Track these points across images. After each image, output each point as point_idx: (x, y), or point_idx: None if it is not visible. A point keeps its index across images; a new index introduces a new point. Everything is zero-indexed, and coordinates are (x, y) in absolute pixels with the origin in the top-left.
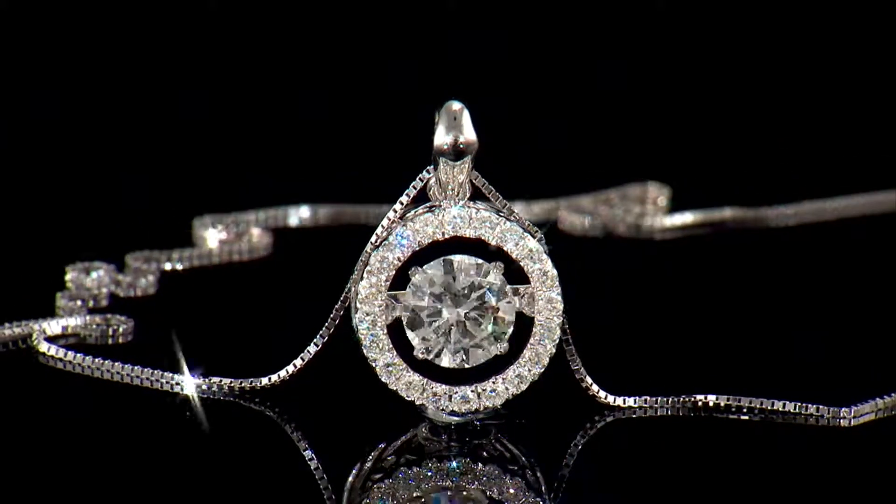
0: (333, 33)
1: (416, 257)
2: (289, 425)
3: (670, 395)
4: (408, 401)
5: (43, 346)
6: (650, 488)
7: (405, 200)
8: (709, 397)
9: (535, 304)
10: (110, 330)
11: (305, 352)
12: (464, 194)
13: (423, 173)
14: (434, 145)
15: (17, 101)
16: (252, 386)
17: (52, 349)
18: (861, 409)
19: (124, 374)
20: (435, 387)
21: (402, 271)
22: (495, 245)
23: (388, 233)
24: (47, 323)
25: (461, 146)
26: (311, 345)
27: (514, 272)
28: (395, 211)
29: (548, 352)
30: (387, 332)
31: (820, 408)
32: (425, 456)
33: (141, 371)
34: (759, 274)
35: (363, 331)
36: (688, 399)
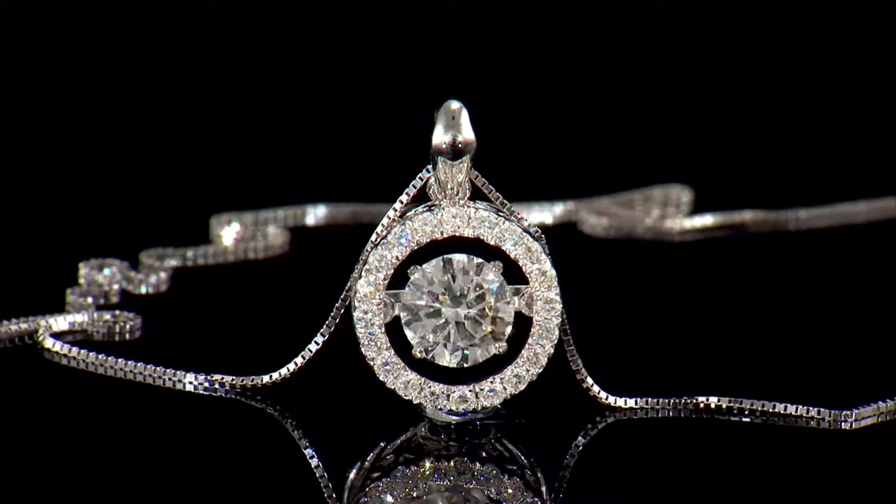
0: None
1: (415, 256)
2: (289, 423)
3: (672, 397)
4: (406, 400)
5: (48, 342)
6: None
7: (405, 199)
8: (710, 399)
9: (533, 304)
10: (117, 327)
11: (306, 350)
12: (463, 194)
13: (422, 172)
14: (432, 144)
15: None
16: (254, 384)
17: (57, 345)
18: (862, 412)
19: (127, 371)
20: (433, 386)
21: (402, 270)
22: (494, 245)
23: (388, 232)
24: (54, 319)
25: (459, 145)
26: (312, 343)
27: (514, 272)
28: (394, 210)
29: (546, 352)
30: (385, 330)
31: (821, 411)
32: (424, 455)
33: (144, 368)
34: (772, 277)
35: (361, 329)
36: (689, 401)
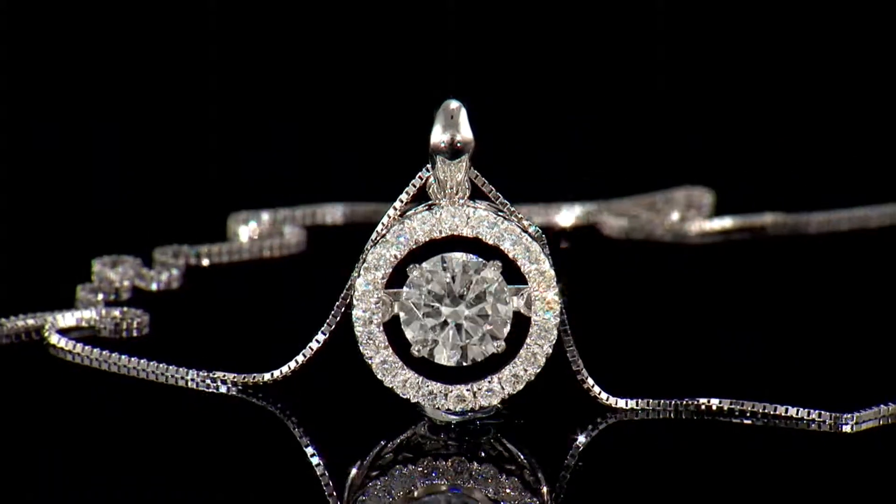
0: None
1: (414, 255)
2: (291, 421)
3: (673, 398)
4: (404, 399)
5: (53, 339)
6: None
7: (405, 198)
8: (711, 401)
9: (532, 304)
10: (124, 323)
11: (307, 348)
12: (463, 193)
13: (421, 172)
14: (431, 143)
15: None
16: (255, 381)
17: (62, 341)
18: (863, 415)
19: (130, 368)
20: (431, 385)
21: (401, 269)
22: (492, 244)
23: (387, 230)
24: (61, 315)
25: (458, 145)
26: (314, 341)
27: (513, 272)
28: (394, 209)
29: (544, 352)
30: (383, 329)
31: (822, 413)
32: (423, 454)
33: (147, 365)
34: (786, 280)
35: (359, 328)
36: (690, 402)
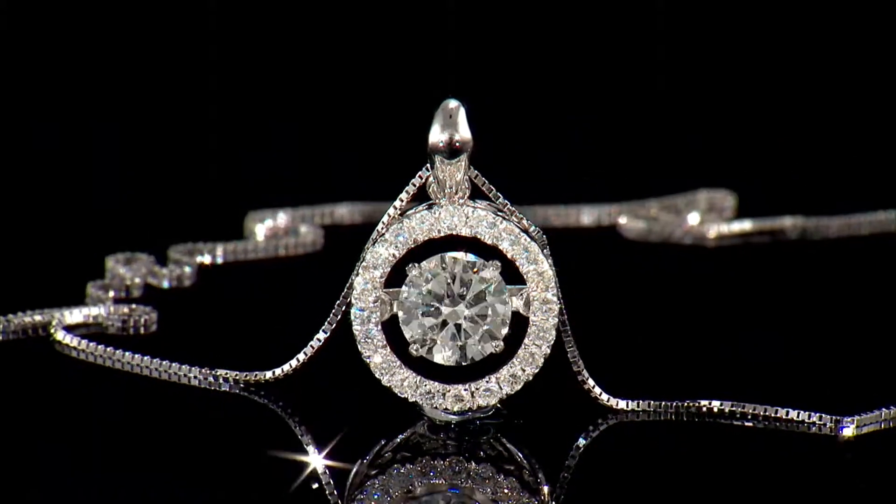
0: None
1: (414, 255)
2: (292, 419)
3: (674, 400)
4: (402, 398)
5: (59, 335)
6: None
7: (405, 198)
8: (713, 403)
9: (530, 304)
10: (131, 320)
11: (308, 347)
12: (463, 193)
13: (421, 171)
14: (429, 143)
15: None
16: (257, 379)
17: (67, 338)
18: (863, 419)
19: (134, 365)
20: (428, 384)
21: (401, 269)
22: (491, 244)
23: (386, 229)
24: (69, 312)
25: (457, 144)
26: (315, 340)
27: (513, 272)
28: (395, 208)
29: (542, 352)
30: (381, 328)
31: (822, 416)
32: (422, 453)
33: (150, 362)
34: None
35: (357, 326)
36: (691, 404)
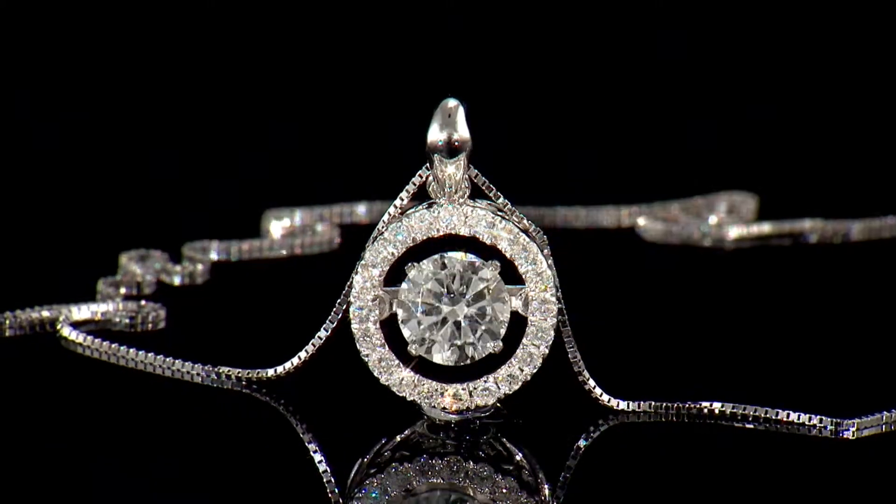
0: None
1: (414, 254)
2: (293, 416)
3: (675, 401)
4: (400, 397)
5: (65, 331)
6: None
7: (405, 196)
8: (713, 404)
9: (529, 304)
10: (139, 317)
11: (310, 344)
12: (463, 192)
13: (421, 170)
14: (427, 142)
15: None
16: (259, 377)
17: (73, 334)
18: (864, 422)
19: (138, 361)
20: (427, 383)
21: (401, 268)
22: (490, 244)
23: (385, 228)
24: (77, 308)
25: (455, 143)
26: (316, 338)
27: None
28: (395, 207)
29: (540, 353)
30: (379, 326)
31: (823, 419)
32: (421, 452)
33: (154, 358)
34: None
35: (355, 325)
36: (692, 406)
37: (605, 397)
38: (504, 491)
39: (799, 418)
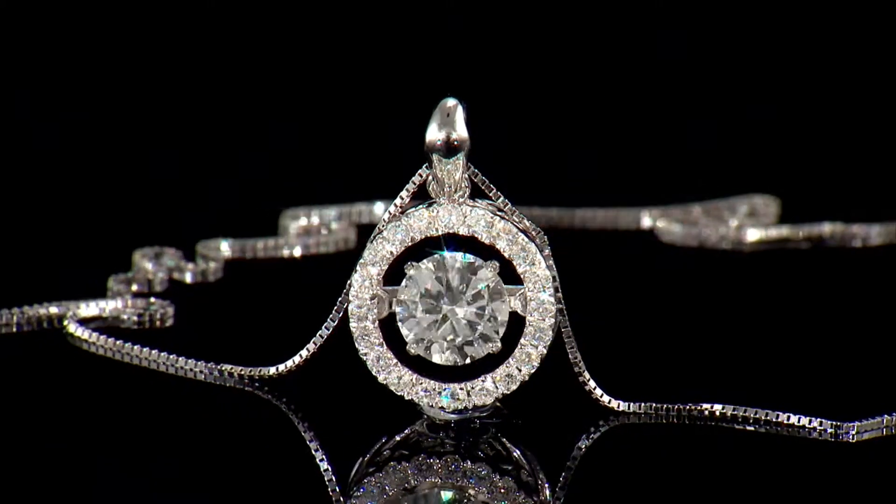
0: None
1: (413, 254)
2: (294, 414)
3: (676, 403)
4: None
5: (72, 327)
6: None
7: (405, 195)
8: (714, 406)
9: (527, 304)
10: (147, 314)
11: (311, 343)
12: (463, 192)
13: (421, 170)
14: (426, 141)
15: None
16: (261, 375)
17: (79, 330)
18: (864, 425)
19: (142, 358)
20: (425, 383)
21: (401, 267)
22: (488, 244)
23: (384, 227)
24: (85, 304)
25: (454, 143)
26: (317, 336)
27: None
28: (395, 206)
29: (539, 353)
30: (378, 325)
31: (823, 422)
32: (419, 452)
33: (158, 355)
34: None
35: (354, 323)
36: (693, 407)
37: (605, 398)
38: (502, 491)
39: (799, 421)
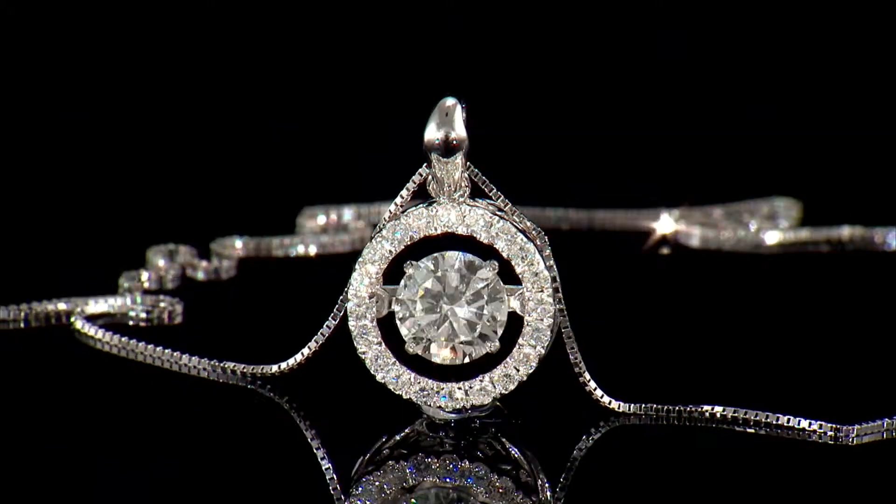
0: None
1: (413, 253)
2: (295, 412)
3: (676, 404)
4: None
5: (78, 324)
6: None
7: (405, 195)
8: (715, 408)
9: (526, 305)
10: (155, 312)
11: (312, 341)
12: (463, 191)
13: (421, 169)
14: (425, 140)
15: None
16: (263, 373)
17: (86, 327)
18: (864, 428)
19: (147, 355)
20: (423, 382)
21: (400, 266)
22: (487, 243)
23: (383, 226)
24: (94, 301)
25: (453, 142)
26: (318, 335)
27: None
28: (395, 205)
29: (537, 353)
30: (377, 324)
31: (822, 424)
32: (418, 451)
33: (162, 352)
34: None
35: (352, 322)
36: (693, 409)
37: (605, 399)
38: (500, 491)
39: (799, 424)
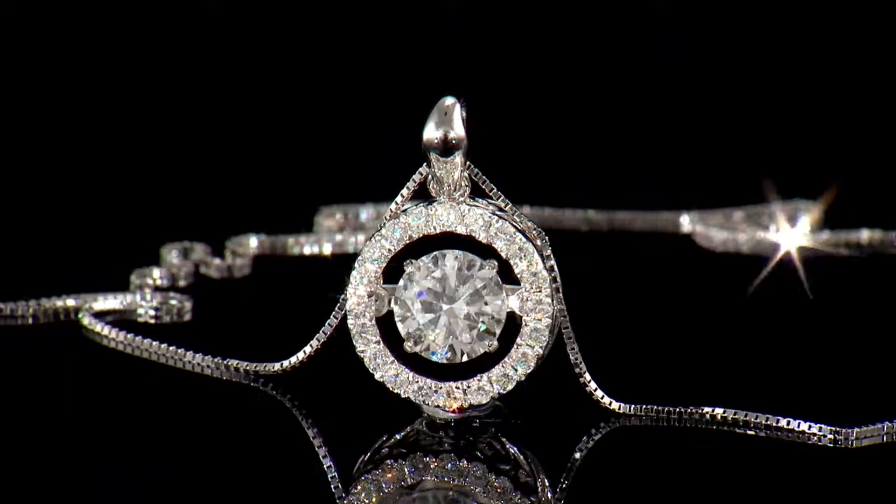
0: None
1: (412, 252)
2: (297, 410)
3: (677, 406)
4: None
5: (86, 320)
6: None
7: (405, 193)
8: (715, 410)
9: (524, 304)
10: (164, 309)
11: (314, 340)
12: (463, 191)
13: (421, 168)
14: (423, 140)
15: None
16: (266, 371)
17: (93, 323)
18: (864, 431)
19: (152, 352)
20: (421, 381)
21: (400, 266)
22: (486, 243)
23: (383, 226)
24: (103, 297)
25: (452, 142)
26: (320, 333)
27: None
28: (396, 204)
29: (535, 353)
30: (375, 323)
31: (822, 427)
32: (417, 450)
33: (166, 349)
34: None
35: (351, 321)
36: (693, 411)
37: (605, 399)
38: (499, 491)
39: (799, 426)
